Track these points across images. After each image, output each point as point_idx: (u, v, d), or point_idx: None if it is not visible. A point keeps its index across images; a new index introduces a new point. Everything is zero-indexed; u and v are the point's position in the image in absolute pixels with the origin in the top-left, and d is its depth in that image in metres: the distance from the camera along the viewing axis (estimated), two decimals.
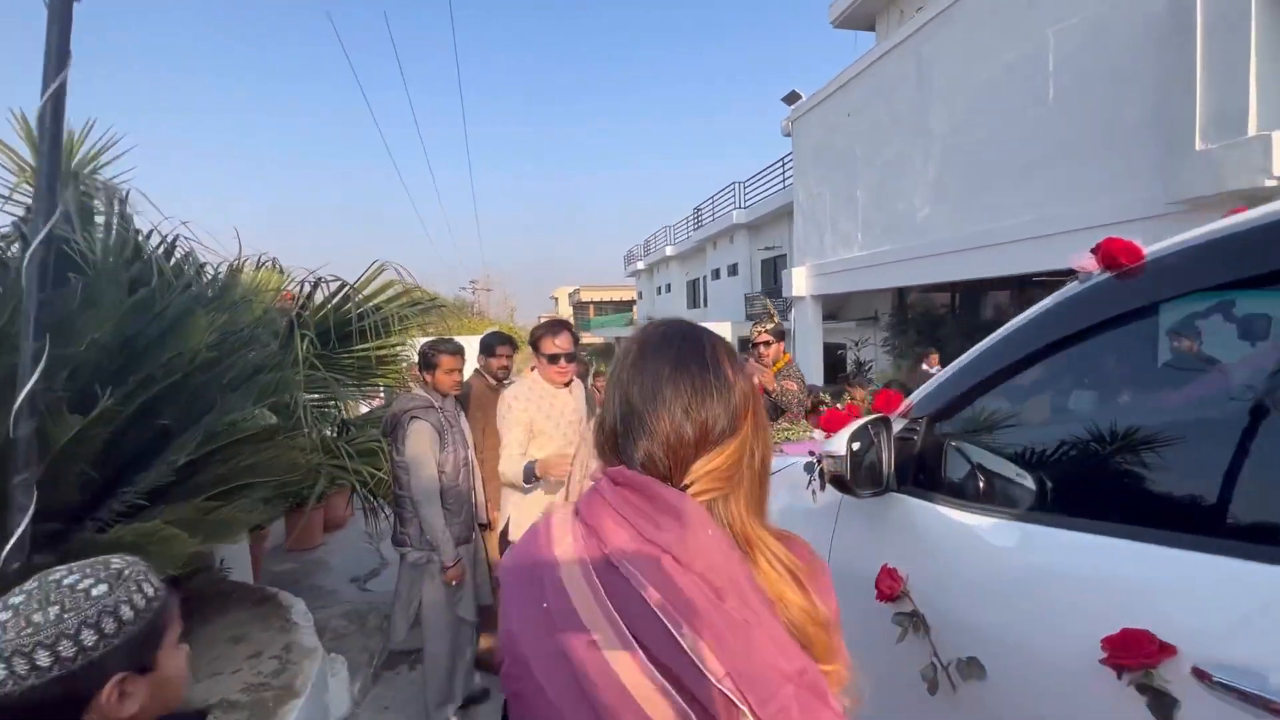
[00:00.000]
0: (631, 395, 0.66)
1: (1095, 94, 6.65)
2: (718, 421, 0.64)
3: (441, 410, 2.65)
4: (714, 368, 0.66)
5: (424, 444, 2.52)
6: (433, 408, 2.62)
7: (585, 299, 39.54)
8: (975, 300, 12.31)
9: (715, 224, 19.55)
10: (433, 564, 2.52)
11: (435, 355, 2.66)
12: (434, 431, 2.55)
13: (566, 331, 2.52)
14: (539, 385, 2.51)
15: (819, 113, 12.01)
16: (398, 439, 2.58)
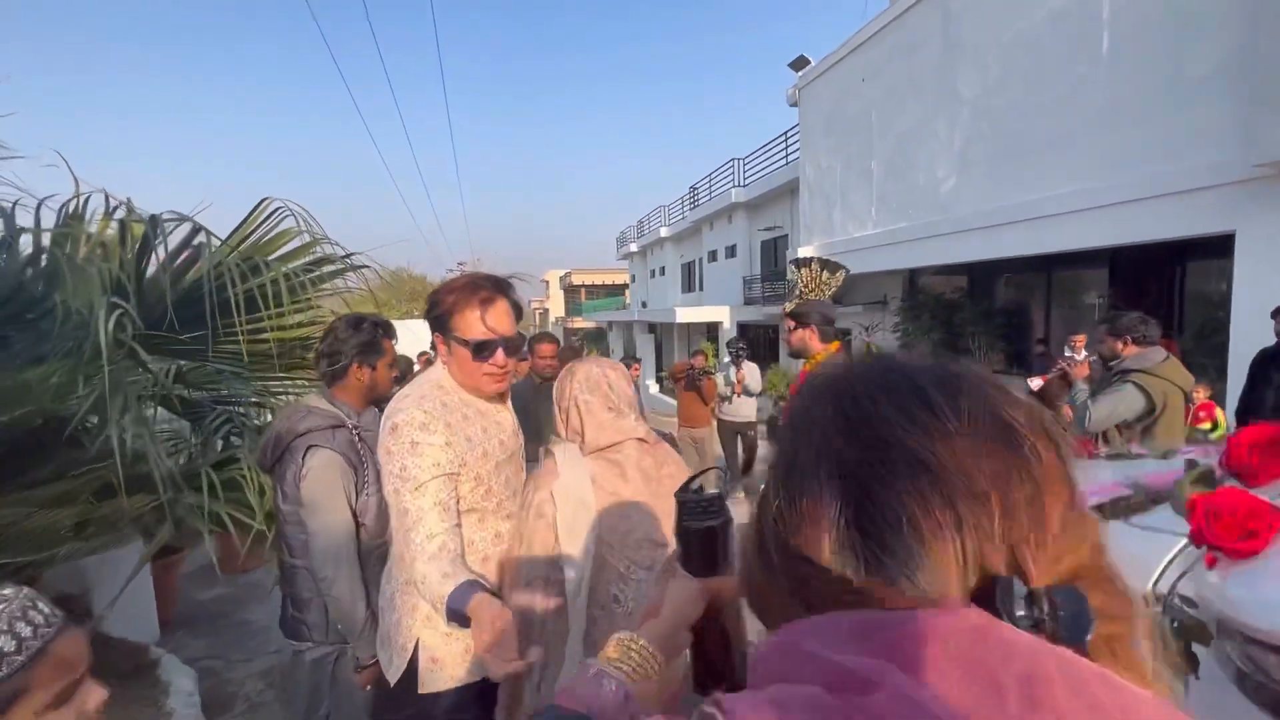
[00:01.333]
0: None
1: (1160, 43, 5.81)
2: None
3: (358, 430, 1.78)
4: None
5: (327, 486, 1.65)
6: (343, 427, 1.74)
7: (577, 282, 38.49)
8: (991, 283, 11.52)
9: (712, 203, 18.60)
10: (345, 660, 1.69)
11: (378, 339, 1.82)
12: (344, 465, 1.68)
13: (504, 299, 1.39)
14: (455, 397, 1.39)
15: (830, 78, 11.09)
16: (285, 477, 1.71)
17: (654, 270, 26.39)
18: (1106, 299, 9.41)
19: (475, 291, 1.34)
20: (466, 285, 1.36)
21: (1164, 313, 8.31)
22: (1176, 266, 8.18)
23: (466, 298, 1.33)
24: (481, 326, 1.33)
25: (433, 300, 1.38)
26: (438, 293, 1.38)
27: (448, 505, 1.26)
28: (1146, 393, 2.50)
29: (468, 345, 1.33)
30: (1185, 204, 5.65)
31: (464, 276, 1.39)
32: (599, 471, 1.29)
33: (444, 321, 1.36)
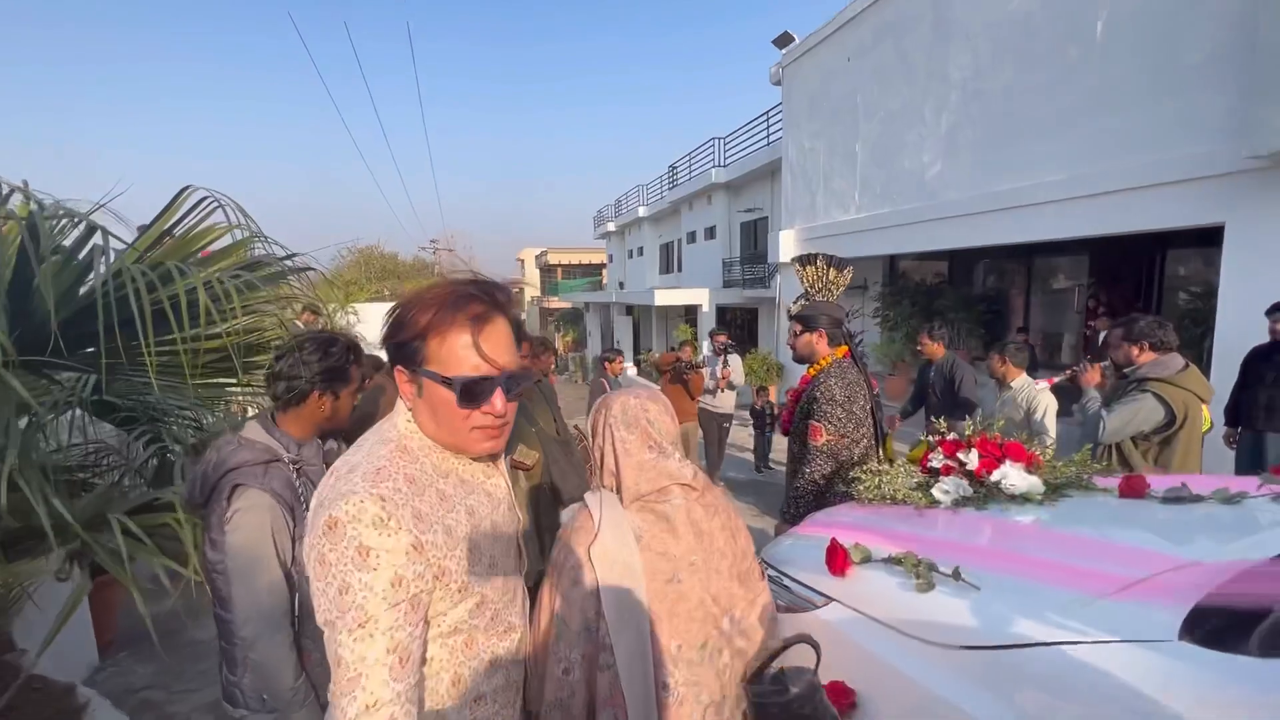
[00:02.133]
0: None
1: (1154, 28, 5.66)
2: None
3: (298, 465, 1.53)
4: None
5: (254, 531, 1.41)
6: (277, 462, 1.49)
7: (553, 261, 37.79)
8: (972, 269, 11.49)
9: (692, 183, 18.24)
10: None
11: (347, 364, 1.56)
12: (277, 508, 1.44)
13: (502, 317, 0.96)
14: (427, 463, 0.96)
15: (815, 56, 10.79)
16: (210, 520, 1.48)
17: (632, 250, 26.02)
18: (1086, 288, 9.43)
19: (461, 306, 0.89)
20: (447, 297, 0.90)
21: (1143, 303, 8.35)
22: (1157, 256, 8.19)
23: (448, 316, 0.89)
24: (473, 357, 0.89)
25: (395, 318, 0.92)
26: (404, 308, 0.92)
27: (407, 653, 0.83)
28: (1166, 403, 2.36)
29: (450, 386, 0.89)
30: (1175, 194, 5.57)
31: (442, 285, 0.94)
32: (644, 526, 1.07)
33: (412, 350, 0.90)
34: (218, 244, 1.69)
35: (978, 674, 0.88)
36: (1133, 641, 0.78)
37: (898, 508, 1.64)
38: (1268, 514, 1.22)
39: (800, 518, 2.36)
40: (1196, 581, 0.87)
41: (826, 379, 2.36)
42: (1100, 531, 1.24)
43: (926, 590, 1.04)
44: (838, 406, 2.31)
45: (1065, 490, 1.54)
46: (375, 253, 30.70)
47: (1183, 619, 0.78)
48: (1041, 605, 0.92)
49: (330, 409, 1.57)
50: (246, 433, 1.53)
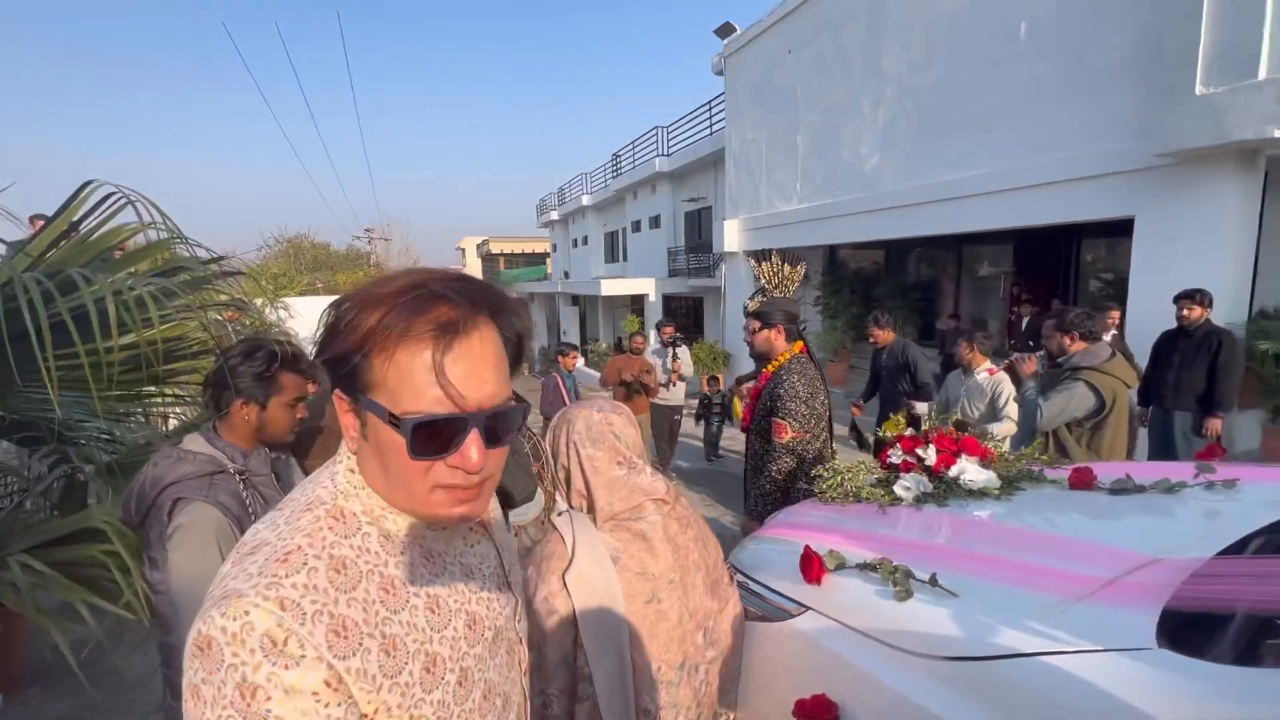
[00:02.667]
0: None
1: (1075, 31, 5.98)
2: None
3: (245, 475, 1.45)
4: None
5: (198, 545, 1.33)
6: (223, 473, 1.42)
7: (495, 251, 36.92)
8: (906, 258, 11.96)
9: (636, 172, 18.16)
10: None
11: (270, 371, 1.46)
12: (223, 520, 1.36)
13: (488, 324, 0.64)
14: (371, 539, 0.66)
15: (756, 48, 10.88)
16: (150, 539, 1.38)
17: (576, 240, 25.74)
18: (1010, 275, 9.97)
19: (420, 308, 0.60)
20: (402, 294, 0.61)
21: (1061, 290, 8.91)
22: (1073, 245, 8.74)
23: (401, 321, 0.59)
24: (432, 387, 0.59)
25: (329, 322, 0.63)
26: (341, 308, 0.63)
27: None
28: (1097, 391, 2.50)
29: (398, 427, 0.60)
30: (1091, 189, 5.92)
31: (397, 277, 0.64)
32: (621, 547, 1.02)
33: (350, 370, 0.61)
34: (137, 243, 1.52)
35: (964, 686, 0.89)
36: (1114, 650, 0.80)
37: (861, 506, 1.66)
38: (1206, 503, 1.30)
39: (767, 514, 2.38)
40: (1160, 582, 0.91)
41: (789, 375, 2.38)
42: (1062, 528, 1.29)
43: (905, 598, 1.04)
44: (802, 403, 2.33)
45: (1019, 483, 1.60)
46: (305, 242, 29.08)
47: (1155, 623, 0.81)
48: (1020, 612, 0.93)
49: (258, 419, 1.47)
50: (188, 444, 1.45)
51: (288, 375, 1.48)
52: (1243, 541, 1.02)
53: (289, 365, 1.48)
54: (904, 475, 1.68)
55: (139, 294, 1.31)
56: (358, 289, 0.64)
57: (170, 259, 1.54)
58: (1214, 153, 4.83)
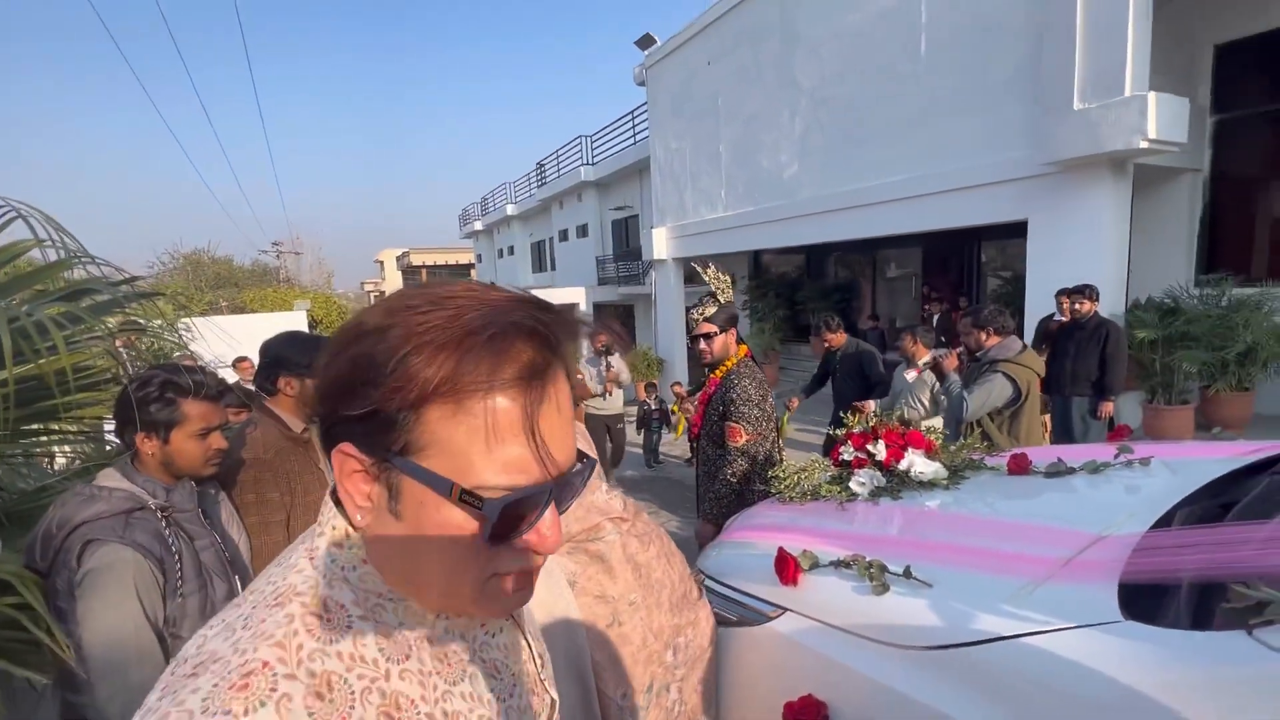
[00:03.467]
0: None
1: (968, 49, 6.48)
2: None
3: (167, 512, 1.32)
4: None
5: (112, 588, 1.20)
6: (143, 509, 1.29)
7: (416, 262, 35.64)
8: (825, 262, 12.54)
9: (561, 181, 18.08)
10: None
11: (167, 400, 1.33)
12: (141, 562, 1.23)
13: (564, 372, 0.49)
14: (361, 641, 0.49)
15: (677, 59, 11.10)
16: (57, 587, 1.23)
17: (502, 249, 25.30)
18: (920, 276, 10.66)
19: (506, 348, 0.44)
20: (479, 329, 0.43)
21: (966, 288, 9.61)
22: (975, 246, 9.46)
23: (478, 367, 0.43)
24: (522, 452, 0.45)
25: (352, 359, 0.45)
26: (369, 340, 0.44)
27: None
28: (1014, 381, 2.71)
29: (479, 507, 0.44)
30: (989, 195, 6.42)
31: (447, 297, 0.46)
32: (579, 571, 0.99)
33: (388, 425, 0.44)
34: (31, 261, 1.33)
35: (950, 673, 0.93)
36: (1086, 626, 0.86)
37: (818, 504, 1.71)
38: (1129, 480, 1.44)
39: (723, 518, 2.41)
40: (1110, 558, 0.99)
41: (740, 380, 2.41)
42: (1013, 513, 1.38)
43: (882, 592, 1.08)
44: (754, 406, 2.37)
45: (963, 472, 1.70)
46: (205, 258, 26.89)
47: (1117, 597, 0.88)
48: (993, 597, 0.99)
49: (163, 453, 1.35)
50: (102, 480, 1.31)
51: (192, 404, 1.35)
52: (1169, 515, 1.13)
53: (195, 393, 1.35)
54: (857, 471, 1.74)
55: (38, 319, 1.15)
56: (389, 316, 0.45)
57: (75, 282, 1.36)
58: (1091, 161, 5.36)
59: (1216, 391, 5.47)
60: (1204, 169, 6.57)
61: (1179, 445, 1.67)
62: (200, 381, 1.36)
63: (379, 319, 0.45)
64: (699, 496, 2.77)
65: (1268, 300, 5.39)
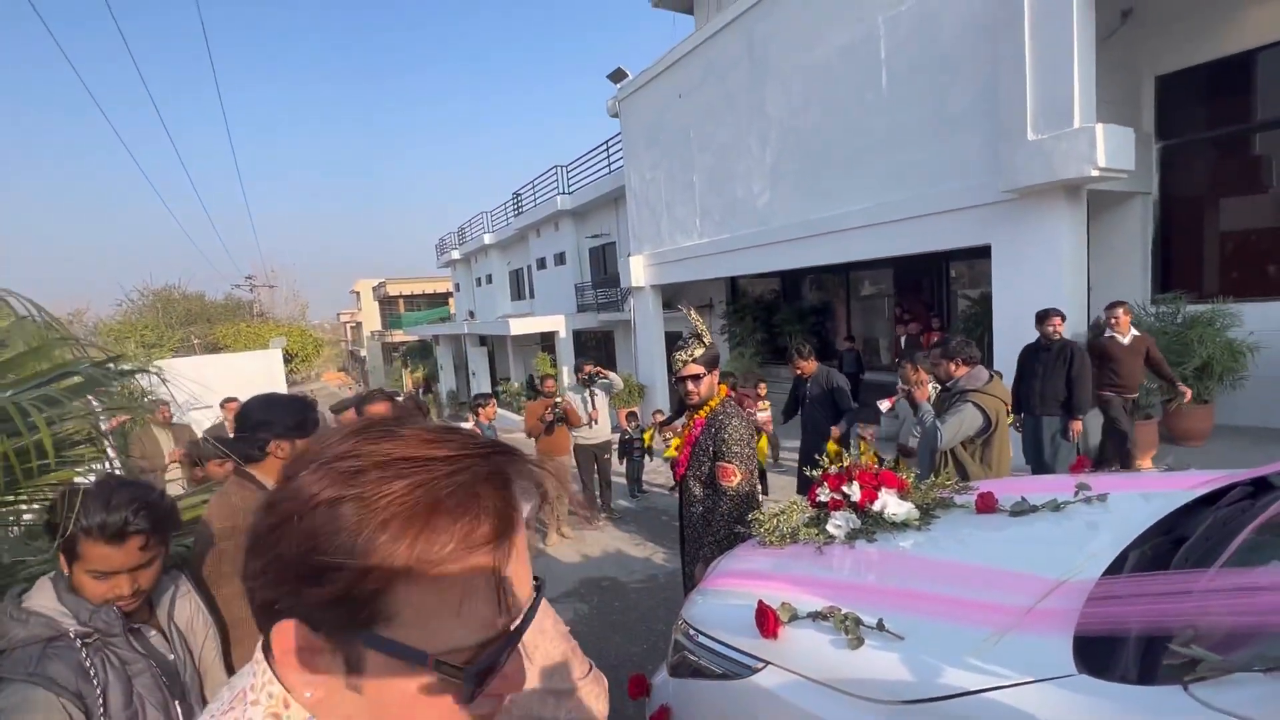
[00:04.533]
0: None
1: (926, 82, 6.76)
2: None
3: (95, 638, 1.18)
4: None
5: None
6: (62, 638, 1.14)
7: (393, 292, 35.42)
8: (800, 285, 12.77)
9: (538, 210, 18.24)
10: None
11: (79, 527, 1.15)
12: (55, 705, 1.09)
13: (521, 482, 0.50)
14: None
15: (648, 92, 11.37)
16: None
17: (480, 278, 25.28)
18: (892, 297, 10.91)
19: (470, 503, 0.44)
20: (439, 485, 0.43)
21: (936, 309, 9.85)
22: (943, 268, 9.73)
23: (460, 531, 0.43)
24: (492, 608, 0.45)
25: (327, 553, 0.41)
26: (349, 530, 0.41)
27: None
28: (984, 410, 2.80)
29: (449, 673, 0.42)
30: (953, 220, 6.65)
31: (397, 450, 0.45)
32: None
33: (351, 607, 0.41)
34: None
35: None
36: (1044, 680, 0.91)
37: (797, 547, 1.76)
38: (1087, 518, 1.51)
39: (715, 558, 2.42)
40: (1067, 607, 1.05)
41: (729, 419, 2.44)
42: (979, 556, 1.44)
43: (858, 646, 1.12)
44: (745, 445, 2.40)
45: (933, 511, 1.77)
46: (176, 294, 26.39)
47: (1071, 650, 0.94)
48: (958, 649, 1.04)
49: (70, 580, 1.19)
50: (34, 597, 1.16)
51: (90, 546, 1.15)
52: (1121, 557, 1.19)
53: (92, 533, 1.14)
54: (833, 513, 1.79)
55: (19, 403, 1.14)
56: (338, 487, 0.42)
57: (56, 365, 1.34)
58: (1047, 189, 5.60)
59: (1178, 406, 5.67)
60: (1153, 192, 6.89)
61: (1133, 477, 1.76)
62: (102, 524, 1.14)
63: (329, 490, 0.42)
64: (683, 537, 2.78)
65: (1220, 316, 5.63)
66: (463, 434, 0.48)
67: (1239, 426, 5.96)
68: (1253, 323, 5.62)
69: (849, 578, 1.53)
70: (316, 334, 31.27)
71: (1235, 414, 5.95)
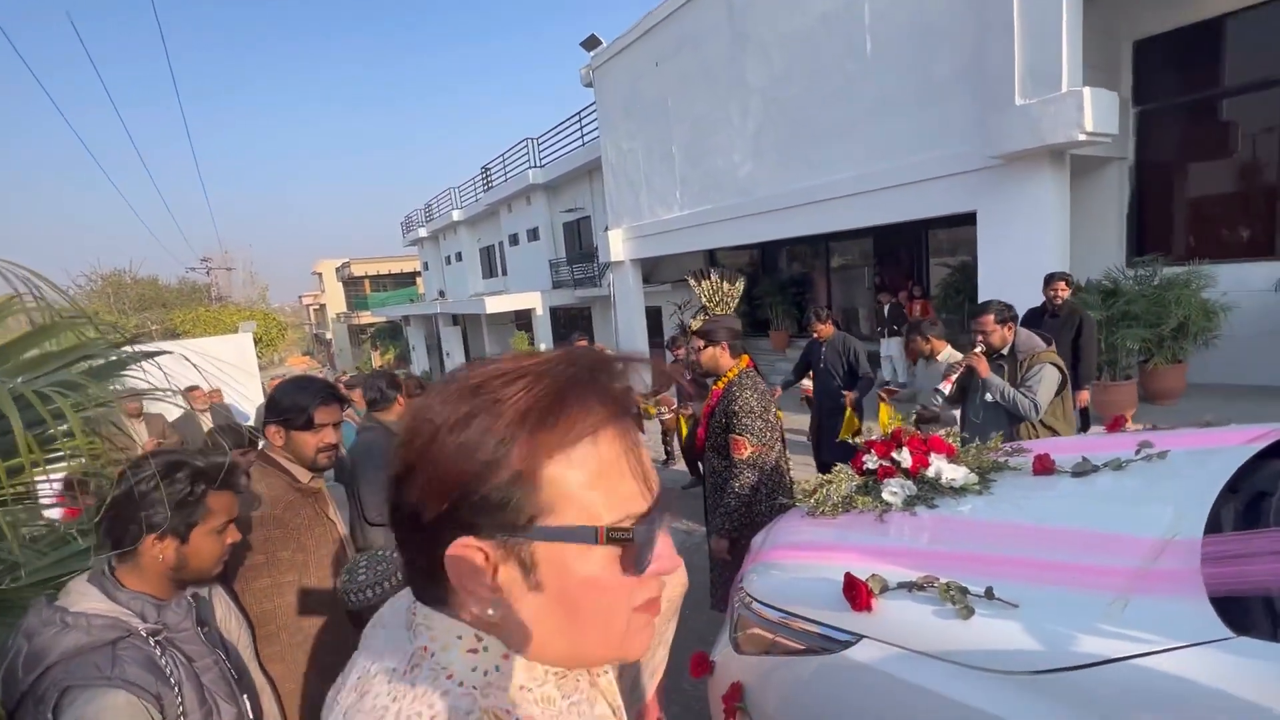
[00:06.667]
0: None
1: (911, 48, 6.70)
2: None
3: (163, 635, 1.11)
4: None
5: None
6: (130, 638, 1.06)
7: (358, 273, 34.32)
8: (778, 256, 12.78)
9: (508, 185, 17.77)
10: None
11: (195, 494, 1.16)
12: (139, 707, 1.02)
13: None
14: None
15: (624, 60, 11.07)
16: None
17: (449, 256, 24.68)
18: (872, 266, 10.99)
19: (592, 383, 0.47)
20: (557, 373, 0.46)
21: (916, 277, 9.96)
22: (922, 236, 9.82)
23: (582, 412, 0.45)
24: (634, 478, 0.47)
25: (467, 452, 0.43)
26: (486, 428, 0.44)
27: None
28: (1061, 370, 2.76)
29: (621, 541, 0.45)
30: (938, 188, 6.67)
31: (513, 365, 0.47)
32: None
33: (499, 505, 0.43)
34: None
35: (1059, 698, 0.94)
36: (1200, 644, 0.89)
37: (851, 516, 1.72)
38: (1157, 476, 1.51)
39: (734, 532, 2.40)
40: (1184, 567, 1.03)
41: (741, 391, 2.41)
42: (1060, 519, 1.42)
43: (968, 616, 1.09)
44: (757, 418, 2.37)
45: (989, 475, 1.75)
46: (127, 279, 25.04)
47: (1221, 612, 0.91)
48: (1084, 615, 1.01)
49: (177, 557, 1.14)
50: (75, 600, 1.06)
51: (217, 496, 1.17)
52: (1215, 517, 1.18)
53: (220, 482, 1.16)
54: (886, 480, 1.77)
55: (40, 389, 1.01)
56: (464, 403, 0.44)
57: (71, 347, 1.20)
58: (1033, 154, 5.64)
59: (1155, 366, 5.85)
60: (1129, 157, 7.01)
61: (1183, 434, 1.77)
62: (222, 466, 1.16)
63: (461, 405, 0.45)
64: (707, 509, 2.76)
65: (1195, 278, 5.80)
66: (568, 350, 0.51)
67: (1210, 385, 6.19)
68: (1226, 284, 5.81)
69: (929, 546, 1.50)
70: (279, 317, 30.21)
71: (1206, 373, 6.18)
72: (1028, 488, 1.65)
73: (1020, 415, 2.70)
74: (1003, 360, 2.91)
